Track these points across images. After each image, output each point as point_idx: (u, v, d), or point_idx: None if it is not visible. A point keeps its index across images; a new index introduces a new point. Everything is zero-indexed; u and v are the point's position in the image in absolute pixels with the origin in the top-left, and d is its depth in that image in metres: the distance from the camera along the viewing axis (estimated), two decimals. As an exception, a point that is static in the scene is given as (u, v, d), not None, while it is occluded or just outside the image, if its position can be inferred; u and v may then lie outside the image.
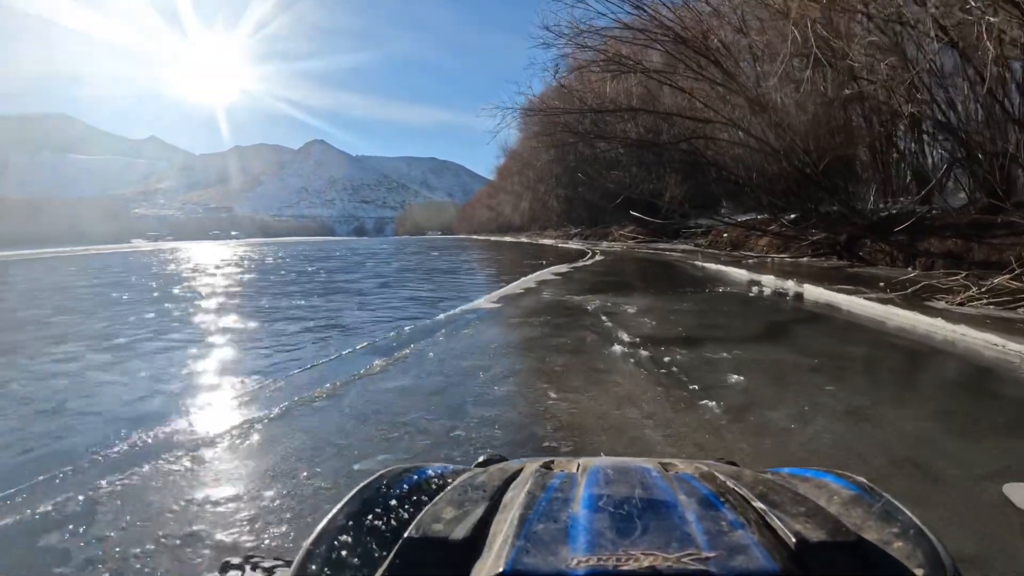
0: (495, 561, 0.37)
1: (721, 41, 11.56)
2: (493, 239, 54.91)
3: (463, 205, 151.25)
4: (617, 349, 4.38)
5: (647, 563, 0.36)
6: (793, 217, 16.30)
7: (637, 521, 0.41)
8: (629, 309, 6.40)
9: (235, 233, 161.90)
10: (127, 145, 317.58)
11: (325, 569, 0.42)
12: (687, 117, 13.67)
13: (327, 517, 0.48)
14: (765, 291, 7.60)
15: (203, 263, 21.31)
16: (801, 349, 4.41)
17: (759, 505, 0.45)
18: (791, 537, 0.40)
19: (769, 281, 8.47)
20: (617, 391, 3.28)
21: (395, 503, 0.49)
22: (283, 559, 0.58)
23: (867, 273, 10.55)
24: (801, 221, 15.78)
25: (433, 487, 0.53)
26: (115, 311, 7.62)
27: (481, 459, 0.65)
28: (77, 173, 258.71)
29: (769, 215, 16.85)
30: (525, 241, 41.48)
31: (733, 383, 3.40)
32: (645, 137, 14.59)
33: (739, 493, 0.47)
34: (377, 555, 0.43)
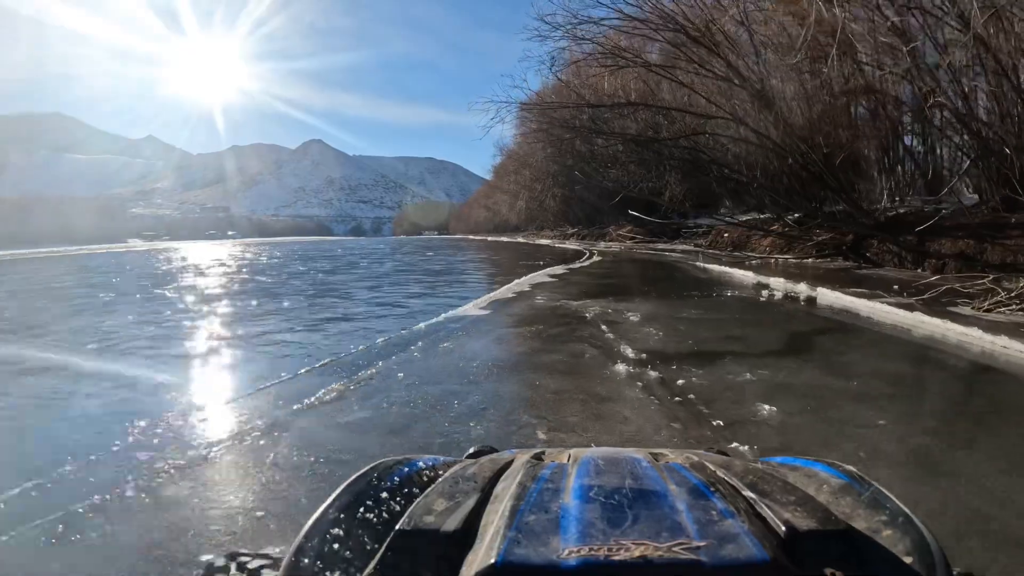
0: (487, 552, 0.37)
1: (724, 33, 11.02)
2: (490, 239, 54.68)
3: (460, 205, 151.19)
4: (621, 369, 3.80)
5: (638, 553, 0.36)
6: (797, 217, 15.87)
7: (628, 511, 0.41)
8: (632, 317, 5.83)
9: (232, 233, 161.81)
10: (124, 144, 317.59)
11: (317, 562, 0.42)
12: (689, 112, 13.15)
13: (318, 510, 0.46)
14: (776, 295, 7.02)
15: (195, 263, 20.96)
16: (833, 367, 3.84)
17: (749, 494, 0.45)
18: (781, 526, 0.40)
19: (778, 284, 7.94)
20: (624, 429, 2.71)
21: (386, 495, 0.49)
22: (279, 554, 0.53)
23: (877, 275, 10.26)
24: (805, 221, 15.35)
25: (424, 479, 0.52)
26: (83, 316, 7.18)
27: (472, 450, 0.64)
28: (74, 172, 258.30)
29: (772, 215, 16.37)
30: (522, 241, 41.07)
31: (765, 417, 2.84)
32: (645, 133, 14.02)
33: (729, 483, 0.47)
34: (369, 547, 0.43)
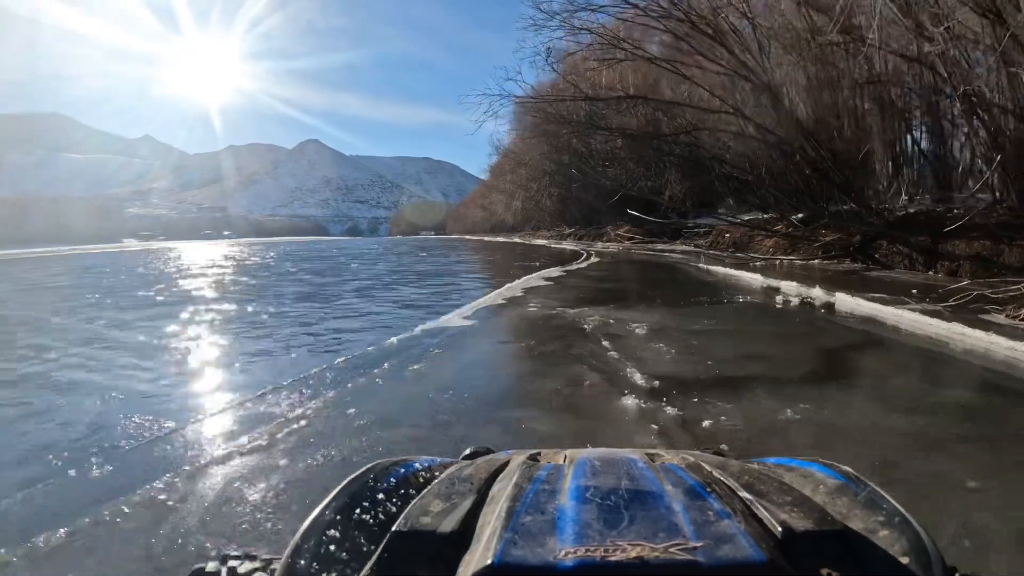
0: (483, 553, 0.37)
1: (730, 23, 10.50)
2: (486, 239, 54.08)
3: (457, 205, 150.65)
4: (630, 404, 3.07)
5: (634, 553, 0.36)
6: (801, 217, 15.36)
7: (624, 512, 0.41)
8: (637, 329, 5.15)
9: (227, 233, 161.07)
10: (121, 144, 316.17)
11: (313, 564, 0.41)
12: (691, 106, 12.61)
13: (314, 512, 0.46)
14: (791, 301, 6.46)
15: (186, 264, 20.52)
16: (885, 399, 3.19)
17: (745, 495, 0.45)
18: (777, 527, 0.40)
19: (790, 288, 7.41)
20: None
21: (383, 496, 0.48)
22: (277, 554, 0.51)
23: (889, 278, 9.80)
24: (810, 221, 14.86)
25: (421, 480, 0.52)
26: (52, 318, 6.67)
27: (468, 451, 0.64)
28: (71, 172, 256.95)
29: (776, 214, 15.86)
30: (518, 241, 40.46)
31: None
32: (646, 127, 13.48)
33: (725, 483, 0.47)
34: (365, 549, 0.42)
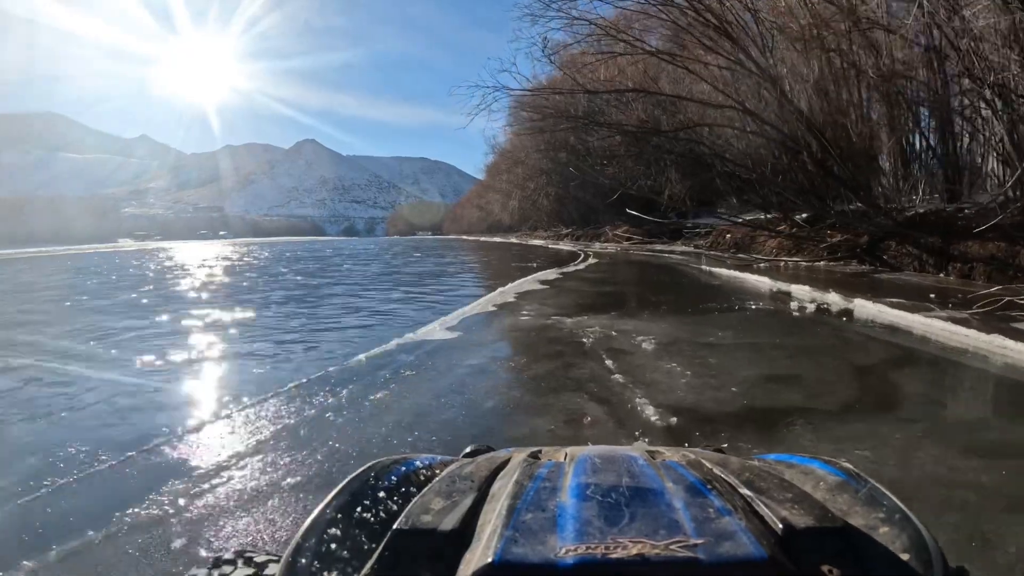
0: (484, 551, 0.37)
1: (734, 12, 10.00)
2: (482, 239, 53.54)
3: (454, 205, 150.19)
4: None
5: (635, 551, 0.36)
6: (805, 216, 14.88)
7: (625, 509, 0.41)
8: (643, 343, 4.53)
9: (223, 233, 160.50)
10: (118, 144, 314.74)
11: (315, 562, 0.42)
12: (694, 100, 12.10)
13: (316, 510, 0.46)
14: (807, 308, 5.93)
15: (177, 265, 20.15)
16: (950, 436, 2.56)
17: (746, 492, 0.45)
18: (778, 523, 0.40)
19: (802, 293, 6.91)
20: None
21: (384, 495, 0.49)
22: (275, 553, 0.53)
23: (901, 281, 9.24)
24: (815, 221, 14.40)
25: (421, 478, 0.52)
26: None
27: (468, 449, 0.63)
28: (68, 172, 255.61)
29: (779, 214, 15.38)
30: (514, 242, 39.91)
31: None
32: (646, 122, 12.97)
33: (726, 480, 0.47)
34: (367, 547, 0.43)
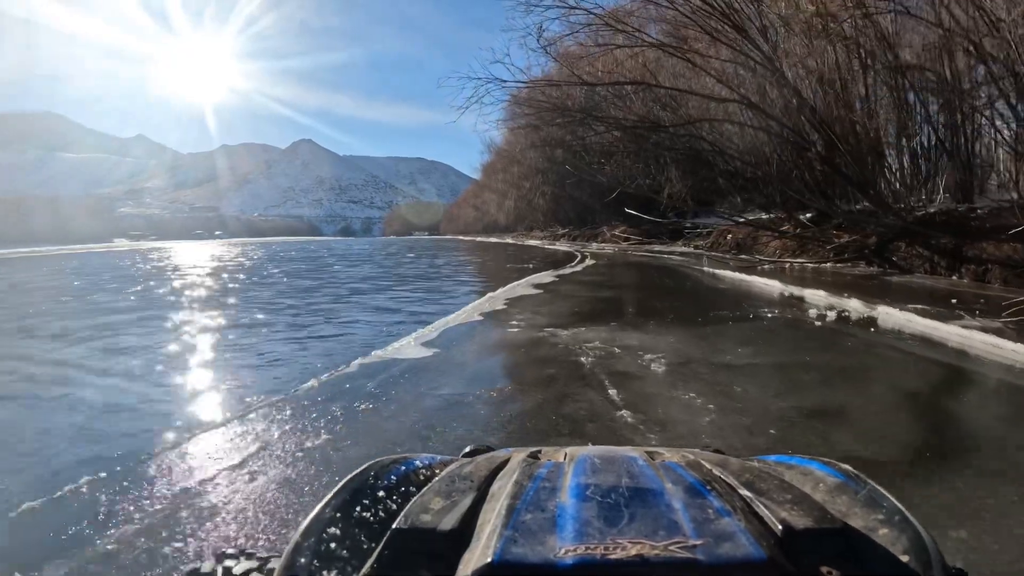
0: (483, 551, 0.37)
1: (740, 3, 9.48)
2: (478, 240, 52.99)
3: (450, 205, 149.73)
4: None
5: (635, 551, 0.36)
6: (810, 216, 14.39)
7: (624, 510, 0.41)
8: (652, 363, 3.83)
9: (219, 233, 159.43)
10: (115, 143, 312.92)
11: (314, 562, 0.41)
12: (696, 93, 11.59)
13: (315, 509, 0.46)
14: (827, 316, 5.38)
15: (168, 265, 19.99)
16: None
17: (745, 493, 0.45)
18: (777, 524, 0.40)
19: (818, 299, 6.39)
20: None
21: (383, 494, 0.48)
22: (276, 552, 0.52)
23: (915, 284, 8.80)
24: (821, 220, 13.89)
25: (421, 478, 0.52)
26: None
27: (468, 449, 0.63)
28: (64, 171, 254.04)
29: (783, 213, 14.88)
30: (510, 242, 39.33)
31: None
32: (647, 118, 12.45)
33: (725, 481, 0.47)
34: (366, 546, 0.42)
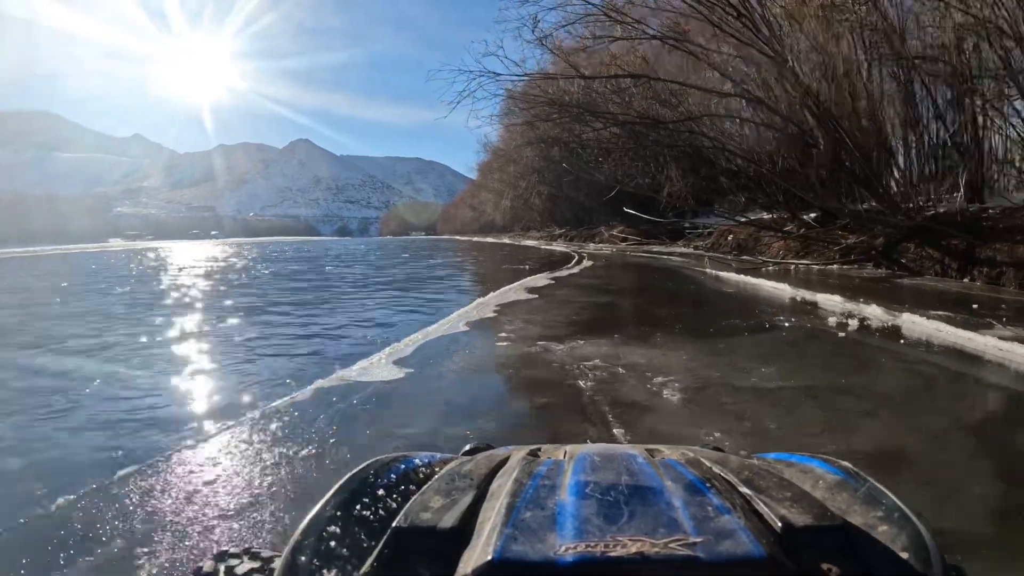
0: (483, 549, 0.37)
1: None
2: (474, 240, 52.52)
3: (447, 206, 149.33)
4: None
5: (634, 549, 0.36)
6: (814, 216, 13.96)
7: (624, 507, 0.41)
8: (664, 388, 3.17)
9: (214, 233, 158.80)
10: (112, 143, 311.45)
11: (314, 560, 0.41)
12: (698, 87, 11.14)
13: (315, 508, 0.46)
14: (848, 324, 4.89)
15: (159, 266, 19.60)
16: None
17: (745, 490, 0.45)
18: (777, 522, 0.40)
19: (834, 304, 5.92)
20: None
21: (383, 492, 0.48)
22: (276, 550, 0.52)
23: (927, 287, 8.36)
24: (825, 220, 13.47)
25: (421, 476, 0.52)
26: None
27: (468, 447, 0.63)
28: (61, 171, 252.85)
29: (787, 213, 14.45)
30: (506, 242, 38.84)
31: None
32: (646, 114, 12.00)
33: (725, 478, 0.47)
34: (366, 545, 0.42)
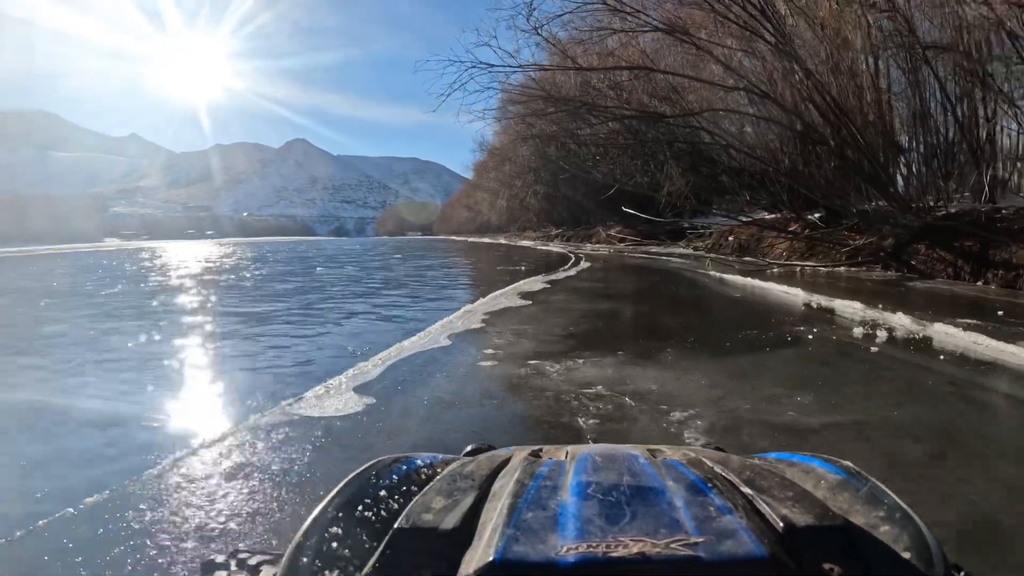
0: (485, 550, 0.37)
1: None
2: (470, 240, 52.17)
3: (444, 206, 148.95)
4: None
5: (636, 549, 0.36)
6: (819, 216, 13.52)
7: (626, 508, 0.41)
8: (687, 431, 2.56)
9: (210, 233, 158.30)
10: (108, 142, 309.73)
11: (316, 561, 0.41)
12: (701, 80, 10.69)
13: (317, 509, 0.46)
14: (876, 335, 4.40)
15: (151, 266, 19.29)
16: None
17: (746, 490, 0.45)
18: (779, 522, 0.40)
19: (853, 312, 5.45)
20: None
21: (384, 493, 0.48)
22: (278, 552, 0.51)
23: (942, 290, 7.94)
24: (831, 221, 13.02)
25: (422, 477, 0.51)
26: None
27: (469, 448, 0.63)
28: (58, 170, 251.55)
29: (792, 212, 14.00)
30: (502, 242, 38.42)
31: None
32: (645, 109, 11.53)
33: (726, 479, 0.47)
34: (368, 546, 0.42)
